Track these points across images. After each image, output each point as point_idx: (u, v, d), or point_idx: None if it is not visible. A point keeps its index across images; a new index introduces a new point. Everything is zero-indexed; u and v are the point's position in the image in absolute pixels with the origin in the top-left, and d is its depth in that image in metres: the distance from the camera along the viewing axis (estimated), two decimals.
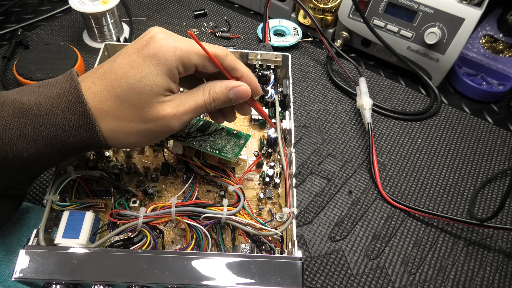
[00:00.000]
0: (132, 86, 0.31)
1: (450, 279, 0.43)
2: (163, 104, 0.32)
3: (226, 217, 0.34)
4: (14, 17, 0.70)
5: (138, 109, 0.32)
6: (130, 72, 0.31)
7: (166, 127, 0.33)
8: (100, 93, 0.32)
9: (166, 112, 0.32)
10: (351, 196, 0.50)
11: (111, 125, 0.32)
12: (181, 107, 0.33)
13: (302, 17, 0.70)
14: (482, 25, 0.68)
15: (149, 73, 0.31)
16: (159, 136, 0.34)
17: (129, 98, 0.31)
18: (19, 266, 0.29)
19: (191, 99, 0.33)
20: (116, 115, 0.32)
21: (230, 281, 0.30)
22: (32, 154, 0.31)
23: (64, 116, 0.31)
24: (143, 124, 0.32)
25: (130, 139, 0.33)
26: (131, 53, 0.32)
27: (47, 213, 0.34)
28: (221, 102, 0.35)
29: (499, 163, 0.54)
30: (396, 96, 0.62)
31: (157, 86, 0.31)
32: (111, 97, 0.31)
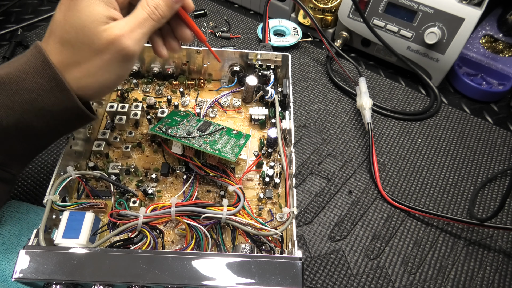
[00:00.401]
0: (75, 25, 0.31)
1: (450, 279, 0.43)
2: (108, 29, 0.32)
3: (226, 217, 0.34)
4: (14, 17, 0.70)
5: (89, 45, 0.32)
6: (69, 15, 0.32)
7: (121, 50, 0.32)
8: (54, 47, 0.32)
9: (114, 34, 0.32)
10: (351, 196, 0.49)
11: (76, 73, 0.32)
12: (127, 26, 0.32)
13: (302, 17, 0.70)
14: (482, 25, 0.68)
15: (85, 6, 0.31)
16: (123, 65, 0.34)
17: (77, 38, 0.32)
18: (19, 266, 0.29)
19: (133, 17, 0.33)
20: (75, 61, 0.32)
21: (230, 281, 0.30)
22: (12, 122, 0.31)
23: (35, 80, 0.31)
24: (100, 57, 0.32)
25: (98, 79, 0.33)
26: (64, 1, 0.32)
27: (47, 213, 0.34)
28: (164, 8, 0.34)
29: (499, 163, 0.54)
30: (396, 96, 0.62)
31: (96, 14, 0.31)
32: (63, 46, 0.32)
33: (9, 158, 0.34)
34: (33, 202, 0.43)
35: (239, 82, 0.50)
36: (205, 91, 0.51)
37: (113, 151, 0.44)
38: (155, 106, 0.48)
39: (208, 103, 0.48)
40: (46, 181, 0.48)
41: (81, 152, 0.42)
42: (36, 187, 0.47)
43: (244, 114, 0.49)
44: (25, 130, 0.32)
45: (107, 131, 0.44)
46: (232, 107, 0.49)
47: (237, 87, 0.50)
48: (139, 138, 0.45)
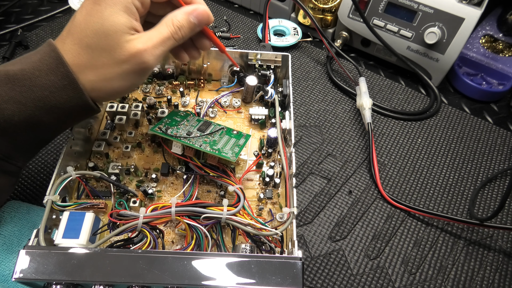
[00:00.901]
0: (97, 32, 0.32)
1: (450, 279, 0.43)
2: (131, 42, 0.33)
3: (226, 217, 0.34)
4: (14, 17, 0.70)
5: (110, 53, 0.32)
6: (91, 20, 0.32)
7: (142, 63, 0.33)
8: (72, 49, 0.33)
9: (137, 48, 0.33)
10: (351, 196, 0.49)
11: (91, 76, 0.33)
12: (150, 42, 0.33)
13: (302, 17, 0.70)
14: (482, 24, 0.68)
15: (109, 15, 0.32)
16: (139, 76, 0.35)
17: (98, 44, 0.32)
18: (19, 267, 0.29)
19: (157, 33, 0.34)
20: (92, 65, 0.33)
21: (230, 281, 0.30)
22: (23, 117, 0.32)
23: (48, 78, 0.32)
24: (119, 66, 0.33)
25: (112, 85, 0.34)
26: (86, 3, 0.33)
27: (47, 214, 0.34)
28: (186, 29, 0.35)
29: (499, 163, 0.54)
30: (396, 96, 0.62)
31: (120, 25, 0.32)
32: (82, 49, 0.32)
33: (16, 151, 0.34)
34: (33, 202, 0.43)
35: (239, 82, 0.50)
36: (205, 91, 0.51)
37: (113, 151, 0.44)
38: (155, 106, 0.48)
39: (208, 103, 0.48)
40: (46, 181, 0.48)
41: (81, 152, 0.42)
42: (36, 187, 0.47)
43: (244, 114, 0.49)
44: (35, 125, 0.33)
45: (107, 131, 0.44)
46: (232, 107, 0.49)
47: (237, 87, 0.50)
48: (139, 138, 0.45)
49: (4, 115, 0.31)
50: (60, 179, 0.36)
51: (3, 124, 0.31)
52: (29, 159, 0.37)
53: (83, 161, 0.42)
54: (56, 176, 0.37)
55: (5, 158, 0.33)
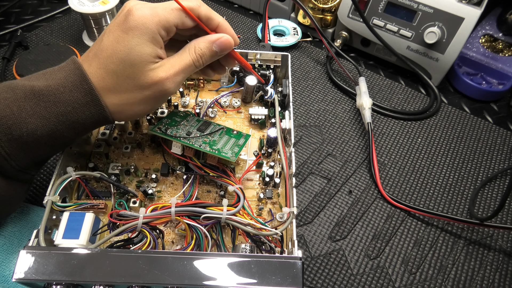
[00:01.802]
0: (123, 60, 0.33)
1: (450, 279, 0.43)
2: (155, 70, 0.34)
3: (226, 217, 0.34)
4: (14, 17, 0.70)
5: (134, 80, 0.34)
6: (118, 48, 0.33)
7: (163, 91, 0.35)
8: (97, 72, 0.34)
9: (159, 77, 0.34)
10: (351, 195, 0.49)
11: (114, 100, 0.35)
12: (172, 70, 0.35)
13: (301, 17, 0.70)
14: (481, 24, 0.68)
15: (135, 45, 0.33)
16: (159, 101, 0.37)
17: (123, 72, 0.34)
18: (20, 267, 0.29)
19: (179, 61, 0.35)
20: (116, 90, 0.34)
21: (230, 281, 0.30)
22: (45, 132, 0.33)
23: (72, 94, 0.33)
24: (142, 92, 0.35)
25: (134, 109, 0.36)
26: (114, 30, 0.34)
27: (47, 214, 0.34)
28: (208, 57, 0.37)
29: (499, 163, 0.54)
30: (396, 95, 0.62)
31: (145, 55, 0.33)
32: (108, 74, 0.34)
33: (33, 163, 0.35)
34: (33, 202, 0.43)
35: (238, 82, 0.50)
36: (204, 91, 0.51)
37: (113, 151, 0.44)
38: None
39: (208, 103, 0.48)
40: (46, 181, 0.48)
41: (81, 153, 0.42)
42: (36, 187, 0.47)
43: (244, 114, 0.49)
44: (55, 139, 0.34)
45: (107, 132, 0.44)
46: (231, 107, 0.49)
47: (236, 87, 0.50)
48: (139, 138, 0.45)
49: (28, 128, 0.32)
50: (60, 180, 0.36)
51: (26, 137, 0.32)
52: (41, 167, 0.38)
53: (83, 161, 0.42)
54: (56, 176, 0.37)
55: (23, 170, 0.35)
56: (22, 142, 0.32)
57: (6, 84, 0.33)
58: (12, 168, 0.33)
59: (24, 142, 0.32)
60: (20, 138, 0.32)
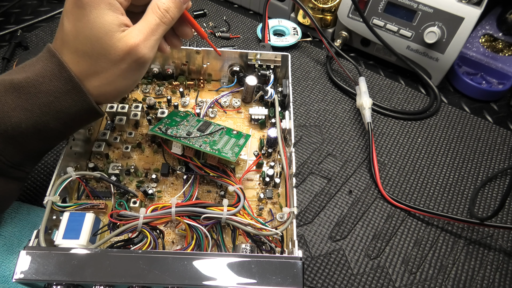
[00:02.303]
0: (89, 37, 0.32)
1: (450, 278, 0.43)
2: (123, 39, 0.32)
3: (226, 217, 0.34)
4: (14, 18, 0.70)
5: (106, 55, 0.33)
6: (80, 26, 0.32)
7: (138, 59, 0.33)
8: (71, 58, 0.33)
9: (129, 44, 0.32)
10: (351, 195, 0.49)
11: (95, 82, 0.34)
12: (141, 34, 0.33)
13: (301, 17, 0.70)
14: (481, 24, 0.68)
15: (95, 17, 0.32)
16: (139, 71, 0.35)
17: (93, 49, 0.32)
18: (20, 267, 0.29)
19: (146, 23, 0.34)
20: (93, 71, 0.33)
21: (230, 281, 0.30)
22: (30, 124, 0.32)
23: (52, 84, 0.32)
24: (117, 66, 0.33)
25: (116, 86, 0.35)
26: (71, 9, 0.33)
27: (47, 214, 0.34)
28: (174, 10, 0.35)
29: (499, 162, 0.54)
30: (395, 95, 0.62)
31: (108, 25, 0.32)
32: (80, 57, 0.33)
33: (25, 158, 0.35)
34: (33, 203, 0.43)
35: (238, 82, 0.50)
36: (204, 91, 0.51)
37: (113, 151, 0.44)
38: (155, 107, 0.48)
39: (208, 103, 0.48)
40: (46, 182, 0.48)
41: (81, 153, 0.42)
42: (37, 188, 0.47)
43: (244, 114, 0.49)
44: (42, 131, 0.33)
45: (107, 132, 0.44)
46: (232, 107, 0.49)
47: (236, 87, 0.50)
48: (139, 138, 0.45)
49: (12, 122, 0.32)
50: (60, 180, 0.36)
51: (11, 131, 0.32)
52: (36, 164, 0.38)
53: (83, 161, 0.42)
54: (56, 176, 0.37)
55: (15, 166, 0.34)
56: (7, 136, 0.32)
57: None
58: (3, 164, 0.33)
59: (10, 136, 0.32)
60: (5, 133, 0.32)
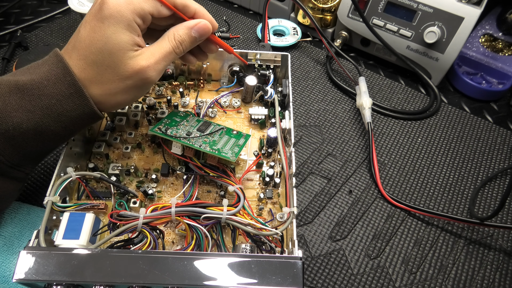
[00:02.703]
0: (102, 50, 0.33)
1: (450, 278, 0.43)
2: (135, 59, 0.34)
3: (226, 217, 0.34)
4: (14, 18, 0.70)
5: (114, 69, 0.34)
6: (95, 38, 0.33)
7: (145, 79, 0.35)
8: (78, 64, 0.34)
9: (140, 65, 0.34)
10: (351, 195, 0.49)
11: (97, 90, 0.35)
12: (153, 58, 0.35)
13: (301, 16, 0.70)
14: (481, 24, 0.68)
15: (112, 33, 0.33)
16: (142, 90, 0.37)
17: (102, 61, 0.34)
18: (20, 268, 0.29)
19: (159, 48, 0.35)
20: (98, 80, 0.34)
21: (230, 281, 0.30)
22: (31, 125, 0.33)
23: (56, 87, 0.33)
24: (123, 82, 0.34)
25: (117, 99, 0.36)
26: (90, 20, 0.34)
27: (47, 214, 0.34)
28: (188, 44, 0.37)
29: (499, 162, 0.54)
30: (395, 95, 0.62)
31: (123, 43, 0.33)
32: (88, 65, 0.34)
33: (25, 159, 0.35)
34: (33, 203, 0.43)
35: (238, 82, 0.50)
36: (204, 91, 0.51)
37: (113, 152, 0.44)
38: (155, 107, 0.48)
39: (208, 103, 0.48)
40: (46, 182, 0.48)
41: (81, 153, 0.42)
42: (37, 188, 0.47)
43: (244, 114, 0.49)
44: (43, 133, 0.34)
45: (107, 132, 0.44)
46: (231, 107, 0.49)
47: (236, 87, 0.50)
48: (139, 138, 0.45)
49: (13, 122, 0.32)
50: (60, 180, 0.36)
51: (12, 131, 0.32)
52: (36, 165, 0.38)
53: (83, 162, 0.42)
54: (56, 177, 0.37)
55: (14, 166, 0.34)
56: (8, 136, 0.32)
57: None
58: (3, 164, 0.33)
59: (10, 136, 0.33)
60: (6, 132, 0.32)
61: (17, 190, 0.37)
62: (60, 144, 0.38)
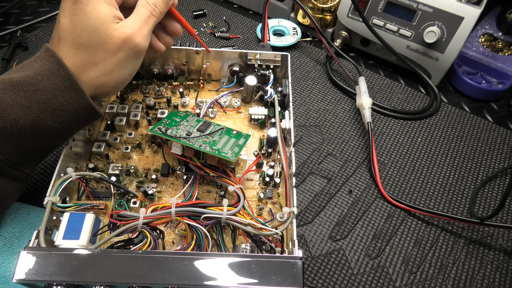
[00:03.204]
0: (86, 28, 0.34)
1: (451, 278, 0.43)
2: (119, 29, 0.35)
3: (226, 217, 0.34)
4: (13, 18, 0.70)
5: (103, 45, 0.34)
6: (77, 20, 0.34)
7: (134, 47, 0.36)
8: (68, 52, 0.34)
9: (126, 34, 0.35)
10: (352, 195, 0.49)
11: (93, 72, 0.35)
12: (135, 25, 0.36)
13: (301, 16, 0.70)
14: (481, 23, 0.68)
15: (91, 9, 0.34)
16: (136, 60, 0.37)
17: (90, 40, 0.34)
18: (20, 268, 0.29)
19: (138, 15, 0.36)
20: (91, 62, 0.35)
21: (230, 281, 0.30)
22: (28, 121, 0.33)
23: (50, 82, 0.33)
24: (115, 55, 0.35)
25: (114, 76, 0.36)
26: (67, 6, 0.35)
27: (47, 215, 0.34)
28: (162, 4, 0.38)
29: (499, 162, 0.54)
30: (395, 95, 0.62)
31: (104, 16, 0.34)
32: (77, 49, 0.34)
33: (24, 158, 0.35)
34: (33, 203, 0.43)
35: (238, 82, 0.50)
36: (204, 91, 0.51)
37: (113, 152, 0.44)
38: (154, 107, 0.48)
39: (208, 103, 0.48)
40: (46, 182, 0.48)
41: (81, 154, 0.42)
42: (37, 188, 0.47)
43: (243, 114, 0.49)
44: (40, 129, 0.34)
45: (107, 132, 0.44)
46: (231, 107, 0.49)
47: (236, 87, 0.50)
48: (139, 139, 0.45)
49: (10, 119, 0.32)
50: (60, 181, 0.36)
51: (9, 128, 0.32)
52: (36, 165, 0.38)
53: (83, 162, 0.42)
54: (56, 177, 0.37)
55: (14, 166, 0.34)
56: (6, 133, 0.33)
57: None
58: (2, 163, 0.33)
59: (8, 133, 0.33)
60: (3, 129, 0.32)
61: (17, 191, 0.37)
62: (59, 143, 0.37)
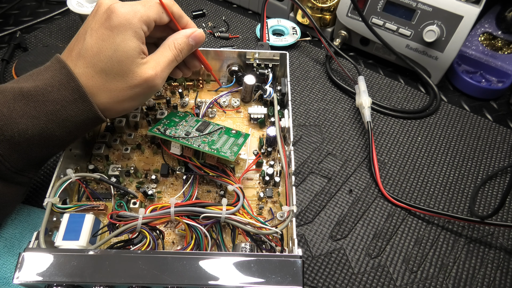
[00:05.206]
0: (111, 58, 0.34)
1: (451, 277, 0.43)
2: (142, 67, 0.35)
3: (225, 216, 0.34)
4: (13, 19, 0.70)
5: (123, 77, 0.35)
6: (104, 46, 0.34)
7: (152, 87, 0.37)
8: (85, 72, 0.35)
9: (148, 74, 0.36)
10: (352, 195, 0.49)
11: (105, 98, 0.35)
12: (158, 67, 0.36)
13: (300, 16, 0.70)
14: (480, 22, 0.68)
15: (121, 41, 0.34)
16: (147, 96, 0.38)
17: (111, 69, 0.34)
18: (20, 269, 0.29)
19: (163, 57, 0.37)
20: (106, 88, 0.35)
21: (230, 281, 0.30)
22: (36, 131, 0.33)
23: (60, 93, 0.34)
24: (132, 89, 0.36)
25: (124, 106, 0.37)
26: (97, 28, 0.35)
27: (47, 216, 0.34)
28: (186, 51, 0.39)
29: (499, 160, 0.54)
30: (395, 94, 0.62)
31: (131, 51, 0.35)
32: (96, 73, 0.35)
33: (29, 164, 0.36)
34: (33, 204, 0.43)
35: (237, 81, 0.50)
36: (204, 91, 0.51)
37: (113, 153, 0.44)
38: (154, 108, 0.48)
39: (207, 103, 0.48)
40: (46, 183, 0.47)
41: (81, 155, 0.42)
42: (37, 189, 0.47)
43: (243, 113, 0.49)
44: (47, 139, 0.34)
45: (107, 134, 0.44)
46: (231, 107, 0.49)
47: (235, 87, 0.50)
48: (138, 139, 0.45)
49: (18, 128, 0.33)
50: (60, 182, 0.36)
51: (17, 137, 0.33)
52: (38, 170, 0.38)
53: (83, 163, 0.42)
54: (56, 178, 0.37)
55: (19, 172, 0.35)
56: (14, 142, 0.33)
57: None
58: (7, 170, 0.34)
59: (16, 142, 0.33)
60: (12, 139, 0.33)
61: (21, 195, 0.38)
62: (62, 149, 0.38)
